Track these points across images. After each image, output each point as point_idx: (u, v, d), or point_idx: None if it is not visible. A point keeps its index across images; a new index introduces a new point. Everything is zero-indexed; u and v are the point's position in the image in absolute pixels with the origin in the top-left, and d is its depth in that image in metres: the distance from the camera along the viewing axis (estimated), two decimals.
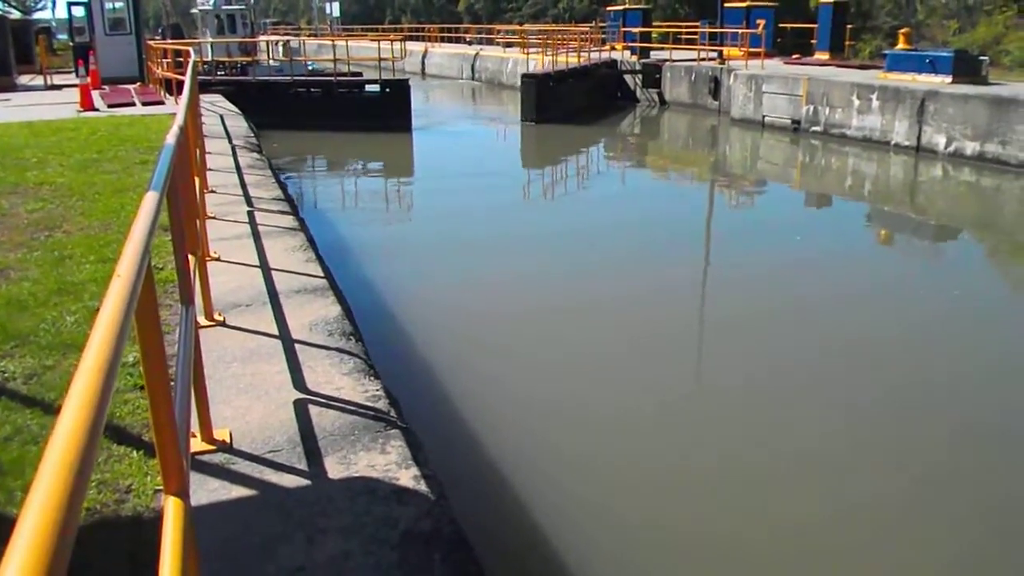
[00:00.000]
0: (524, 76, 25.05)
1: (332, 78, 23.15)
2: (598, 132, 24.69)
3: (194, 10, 34.34)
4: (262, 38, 36.99)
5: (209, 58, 26.83)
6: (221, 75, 25.01)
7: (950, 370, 7.59)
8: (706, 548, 4.98)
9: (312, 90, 22.97)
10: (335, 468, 3.55)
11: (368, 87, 22.92)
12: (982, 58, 19.97)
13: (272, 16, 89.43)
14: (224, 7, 30.99)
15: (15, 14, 40.26)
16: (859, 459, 5.98)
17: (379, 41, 25.86)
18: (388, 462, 3.62)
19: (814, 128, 20.59)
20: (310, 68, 24.96)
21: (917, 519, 5.28)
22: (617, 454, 6.00)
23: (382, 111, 22.10)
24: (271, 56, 29.22)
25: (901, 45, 21.36)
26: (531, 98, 24.26)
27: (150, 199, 2.45)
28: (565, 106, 24.97)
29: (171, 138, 3.60)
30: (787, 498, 5.49)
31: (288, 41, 32.66)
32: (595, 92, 27.88)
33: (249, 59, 26.86)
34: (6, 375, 4.43)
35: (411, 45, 50.07)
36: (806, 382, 7.30)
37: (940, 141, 17.28)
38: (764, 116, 22.27)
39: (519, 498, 5.31)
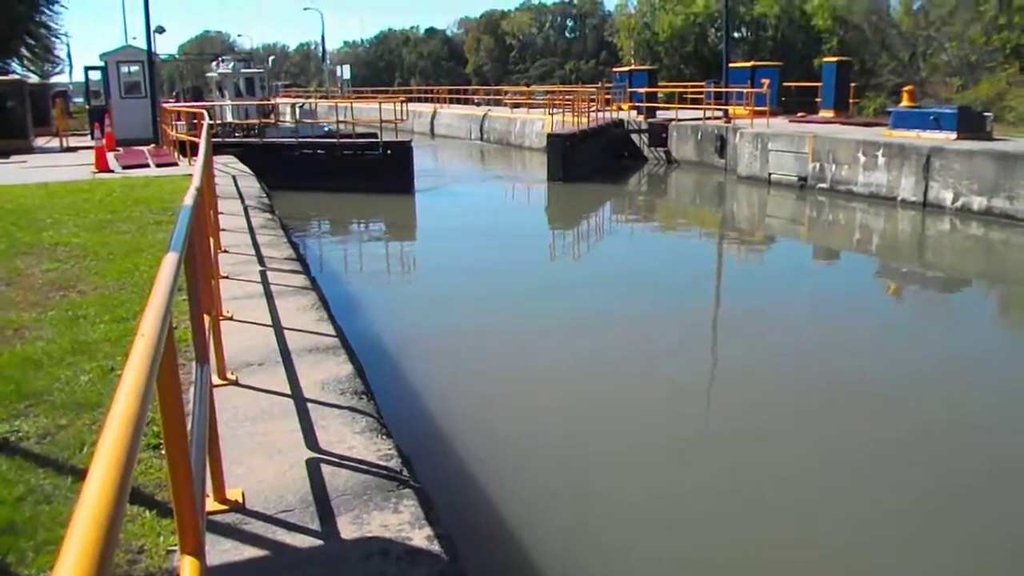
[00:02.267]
0: (550, 136, 25.43)
1: (335, 140, 23.39)
2: (614, 190, 25.05)
3: (210, 74, 35.04)
4: (280, 100, 37.66)
5: (228, 120, 27.31)
6: (239, 136, 25.39)
7: (952, 417, 7.62)
8: None
9: (318, 152, 23.13)
10: (348, 528, 3.53)
11: (369, 150, 23.02)
12: (986, 114, 20.17)
13: (283, 79, 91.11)
14: (243, 71, 31.67)
15: (33, 78, 41.06)
16: (855, 502, 5.94)
17: (380, 103, 26.20)
18: (401, 522, 3.60)
19: (820, 185, 20.73)
20: (326, 130, 25.26)
21: (916, 552, 5.20)
22: (632, 507, 5.94)
23: (384, 173, 22.22)
24: (292, 118, 29.70)
25: (905, 102, 21.60)
26: (558, 157, 24.66)
27: (170, 260, 2.49)
28: (585, 165, 25.41)
29: (188, 199, 3.67)
30: (793, 538, 5.43)
31: (304, 104, 33.24)
32: (607, 151, 28.27)
33: (268, 121, 27.32)
34: (20, 434, 4.43)
35: (420, 107, 50.97)
36: (812, 428, 7.33)
37: (947, 196, 17.36)
38: (771, 173, 22.44)
39: (532, 557, 5.25)
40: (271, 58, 58.72)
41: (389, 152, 22.74)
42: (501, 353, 9.54)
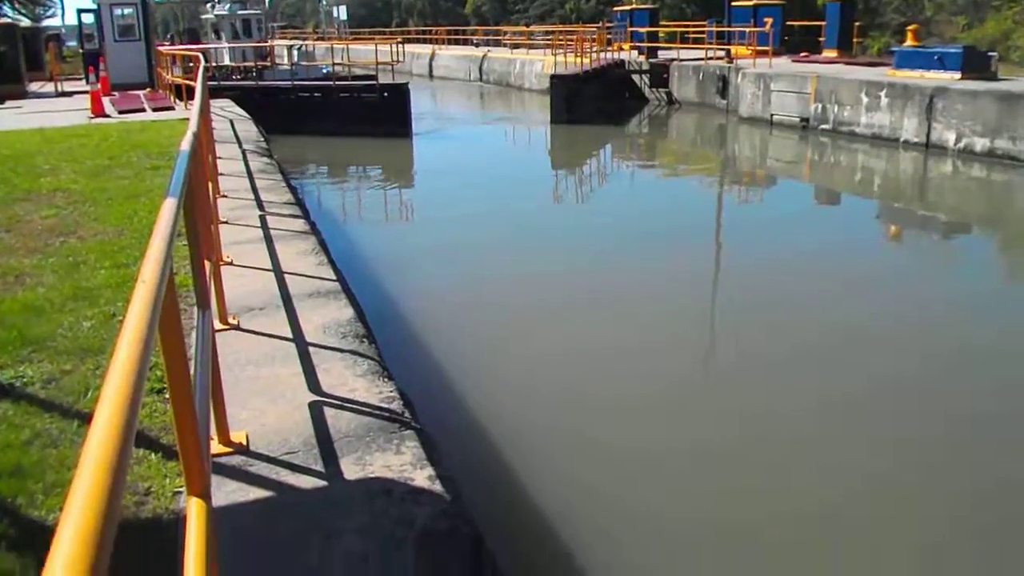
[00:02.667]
0: (553, 77, 25.03)
1: (332, 83, 23.07)
2: (615, 132, 24.85)
3: (205, 16, 34.53)
4: (277, 42, 37.16)
5: (225, 63, 26.94)
6: (237, 79, 25.09)
7: (953, 353, 7.79)
8: (715, 535, 5.00)
9: (314, 95, 22.87)
10: (351, 469, 3.59)
11: (365, 93, 22.69)
12: (991, 54, 19.90)
13: (279, 20, 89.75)
14: (240, 12, 31.20)
15: (25, 22, 40.44)
16: (856, 439, 6.03)
17: (376, 44, 25.82)
18: (403, 462, 3.65)
19: (823, 126, 20.56)
20: (324, 72, 24.90)
21: (911, 491, 5.29)
22: (632, 448, 6.02)
23: (381, 116, 21.94)
24: (290, 60, 29.35)
25: (910, 42, 21.29)
26: (561, 99, 24.39)
27: (168, 206, 2.49)
28: (588, 107, 25.12)
29: (186, 145, 3.64)
30: (798, 483, 5.52)
31: (301, 46, 32.82)
32: (609, 92, 27.94)
33: (265, 64, 26.98)
34: (24, 380, 4.48)
35: (418, 48, 50.26)
36: (813, 368, 7.42)
37: (950, 138, 17.23)
38: (772, 114, 22.24)
39: (534, 496, 5.34)
40: None
41: (386, 95, 22.42)
42: (502, 296, 9.57)
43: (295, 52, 29.76)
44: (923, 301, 9.44)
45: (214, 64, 25.40)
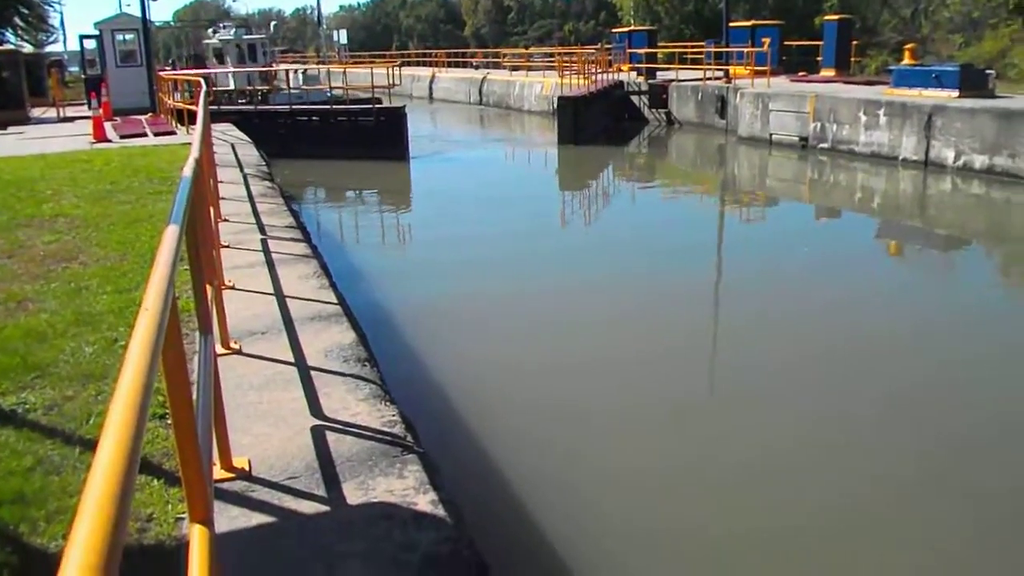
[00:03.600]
0: (561, 99, 25.23)
1: (329, 107, 23.09)
2: (616, 152, 24.99)
3: (207, 41, 34.79)
4: (281, 66, 37.44)
5: (230, 87, 27.08)
6: (243, 103, 25.21)
7: (954, 370, 7.78)
8: (711, 547, 4.98)
9: (312, 119, 22.89)
10: (353, 494, 3.58)
11: (362, 117, 22.66)
12: (988, 72, 20.01)
13: (280, 45, 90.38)
14: (246, 37, 31.46)
15: (28, 48, 40.77)
16: (854, 458, 6.02)
17: (372, 68, 25.93)
18: (406, 487, 3.64)
19: (822, 145, 20.64)
20: (329, 95, 24.95)
21: (898, 504, 5.27)
22: (638, 469, 6.01)
23: (378, 140, 21.94)
24: (293, 84, 29.52)
25: (907, 60, 21.41)
26: (569, 120, 24.54)
27: (171, 232, 2.51)
28: (593, 127, 25.35)
29: (188, 171, 3.66)
30: (797, 499, 5.50)
31: (306, 69, 33.08)
32: (609, 113, 28.11)
33: (269, 88, 27.14)
34: (27, 406, 4.48)
35: (419, 71, 50.56)
36: (812, 385, 7.40)
37: (948, 155, 17.28)
38: (771, 134, 22.33)
39: (538, 520, 5.32)
40: (272, 23, 58.33)
41: (382, 118, 22.46)
42: (505, 317, 9.58)
43: (300, 76, 29.93)
44: (924, 319, 9.44)
45: (218, 88, 25.56)
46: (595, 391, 7.40)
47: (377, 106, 22.71)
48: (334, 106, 23.00)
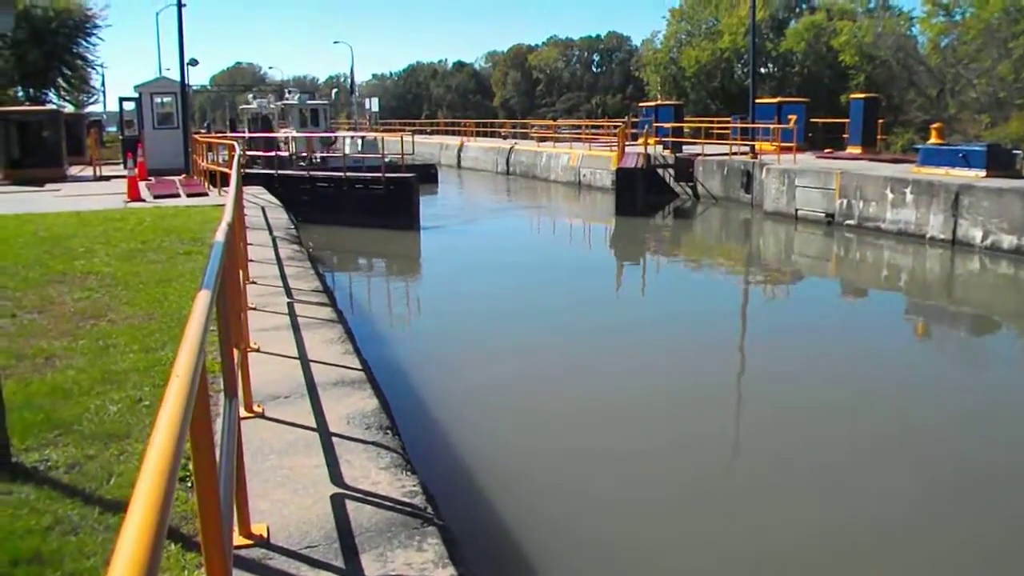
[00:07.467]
0: (619, 170, 26.21)
1: (343, 174, 22.94)
2: (644, 225, 25.12)
3: (243, 106, 35.64)
4: (340, 132, 38.20)
5: (293, 151, 27.52)
6: (303, 166, 25.54)
7: (989, 460, 7.48)
8: None
9: (329, 185, 22.78)
10: (372, 566, 3.52)
11: (374, 185, 22.36)
12: (1015, 152, 20.00)
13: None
14: (309, 103, 32.28)
15: (69, 108, 41.99)
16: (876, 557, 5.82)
17: (382, 136, 26.13)
18: (425, 560, 3.58)
19: (848, 221, 20.62)
20: (388, 162, 24.79)
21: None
22: (654, 547, 5.87)
23: (388, 209, 21.69)
24: (346, 149, 30.00)
25: (933, 139, 21.47)
26: (627, 193, 25.52)
27: (203, 297, 2.52)
28: (642, 200, 26.14)
29: (220, 235, 3.71)
30: None
31: (365, 136, 33.77)
32: (653, 187, 28.49)
33: (329, 152, 27.65)
34: (49, 463, 4.48)
35: (448, 139, 51.39)
36: (836, 472, 7.17)
37: (976, 235, 17.20)
38: (797, 209, 22.36)
39: None
40: (334, 91, 59.79)
41: (392, 188, 21.99)
42: (528, 389, 9.49)
43: (359, 142, 30.46)
44: (950, 399, 9.27)
45: (284, 152, 26.16)
46: (620, 470, 7.27)
47: (387, 175, 22.38)
48: (348, 174, 22.82)
